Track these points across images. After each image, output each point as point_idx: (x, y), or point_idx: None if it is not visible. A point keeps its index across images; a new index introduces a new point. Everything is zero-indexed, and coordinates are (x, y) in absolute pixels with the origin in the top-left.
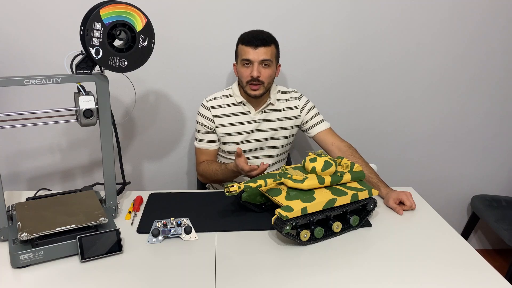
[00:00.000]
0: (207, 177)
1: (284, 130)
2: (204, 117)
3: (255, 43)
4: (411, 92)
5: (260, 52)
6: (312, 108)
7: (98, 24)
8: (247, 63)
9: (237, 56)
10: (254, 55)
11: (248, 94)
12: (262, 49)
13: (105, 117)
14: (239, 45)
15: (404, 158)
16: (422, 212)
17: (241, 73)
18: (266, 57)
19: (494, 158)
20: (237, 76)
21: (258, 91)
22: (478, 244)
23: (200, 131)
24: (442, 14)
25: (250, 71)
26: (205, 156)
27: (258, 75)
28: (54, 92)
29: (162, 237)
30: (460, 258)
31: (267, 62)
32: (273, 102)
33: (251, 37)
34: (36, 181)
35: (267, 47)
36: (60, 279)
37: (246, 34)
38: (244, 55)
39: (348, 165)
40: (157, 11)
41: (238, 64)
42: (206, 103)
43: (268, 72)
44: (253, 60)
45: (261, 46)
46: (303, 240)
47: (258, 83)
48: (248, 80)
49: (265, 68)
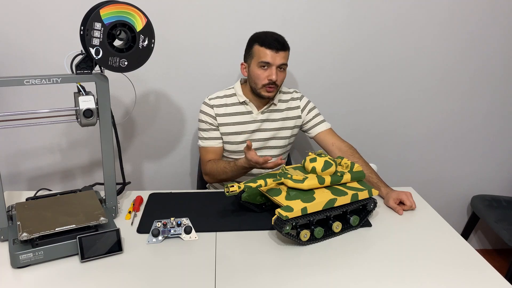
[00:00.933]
0: (214, 175)
1: (286, 130)
2: (208, 114)
3: (277, 47)
4: (411, 92)
5: (280, 56)
6: (312, 108)
7: (98, 24)
8: (265, 66)
9: (252, 57)
10: (274, 59)
11: (262, 96)
12: (282, 53)
13: (105, 117)
14: (256, 45)
15: (404, 158)
16: (422, 212)
17: (257, 75)
18: (284, 61)
19: (494, 158)
20: (245, 76)
21: (272, 93)
22: (478, 244)
23: (204, 129)
24: (442, 15)
25: (268, 74)
26: (211, 154)
27: (276, 79)
28: (54, 92)
29: (162, 237)
30: (460, 258)
31: (283, 66)
32: (276, 102)
33: (272, 39)
34: (36, 181)
35: (286, 52)
36: (60, 279)
37: (264, 35)
38: (264, 58)
39: (348, 165)
40: (157, 11)
41: (253, 65)
42: (208, 101)
43: (283, 76)
44: (272, 63)
45: (281, 50)
46: (303, 240)
47: (275, 86)
48: (265, 83)
49: (281, 72)
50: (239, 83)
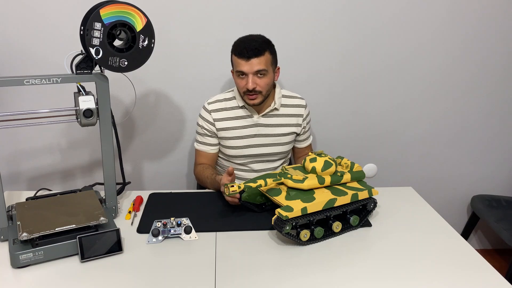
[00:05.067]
0: (199, 180)
1: (286, 136)
2: (205, 120)
3: (247, 55)
4: (411, 93)
5: (253, 64)
6: (309, 121)
7: (98, 24)
8: (242, 75)
9: (232, 65)
10: (247, 67)
11: (247, 103)
12: (255, 60)
13: (105, 117)
14: (232, 55)
15: (404, 158)
16: (422, 212)
17: (237, 83)
18: (260, 67)
19: (494, 158)
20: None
21: (256, 100)
22: (478, 244)
23: (200, 133)
24: (441, 15)
25: (245, 82)
26: (203, 158)
27: (254, 87)
28: (54, 92)
29: (162, 237)
30: (460, 258)
31: (262, 72)
32: (278, 107)
33: (242, 48)
34: (36, 181)
35: (260, 57)
36: (60, 279)
37: (238, 43)
38: (238, 67)
39: (348, 165)
40: (157, 11)
41: (234, 74)
42: (207, 106)
43: (264, 81)
44: (247, 72)
45: (253, 57)
46: (303, 240)
47: (255, 93)
48: (244, 91)
49: (260, 78)
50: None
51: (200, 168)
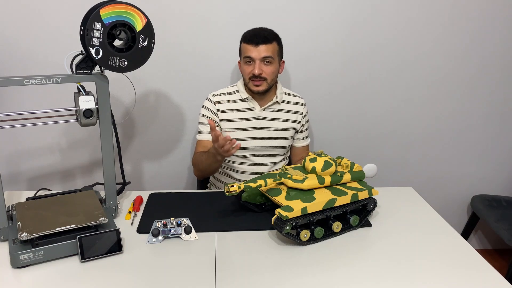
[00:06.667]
0: (196, 165)
1: (286, 131)
2: (208, 109)
3: (256, 41)
4: (411, 93)
5: (261, 50)
6: (307, 121)
7: (98, 24)
8: (249, 61)
9: (240, 54)
10: (255, 53)
11: (252, 91)
12: (263, 47)
13: (105, 117)
14: (242, 43)
15: (404, 158)
16: (422, 212)
17: (243, 70)
18: (267, 54)
19: (494, 158)
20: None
21: (261, 87)
22: (478, 244)
23: (203, 123)
24: (441, 16)
25: (252, 68)
26: (203, 148)
27: (260, 73)
28: (54, 92)
29: (162, 237)
30: (460, 258)
31: (268, 59)
32: (279, 100)
33: (252, 35)
34: (36, 181)
35: (268, 44)
36: (60, 279)
37: (248, 32)
38: (246, 53)
39: (348, 165)
40: (157, 11)
41: (242, 62)
42: (212, 97)
43: (270, 69)
44: (254, 57)
45: (262, 43)
46: (303, 240)
47: (261, 79)
48: (250, 76)
49: (267, 65)
50: (242, 81)
51: (197, 155)
